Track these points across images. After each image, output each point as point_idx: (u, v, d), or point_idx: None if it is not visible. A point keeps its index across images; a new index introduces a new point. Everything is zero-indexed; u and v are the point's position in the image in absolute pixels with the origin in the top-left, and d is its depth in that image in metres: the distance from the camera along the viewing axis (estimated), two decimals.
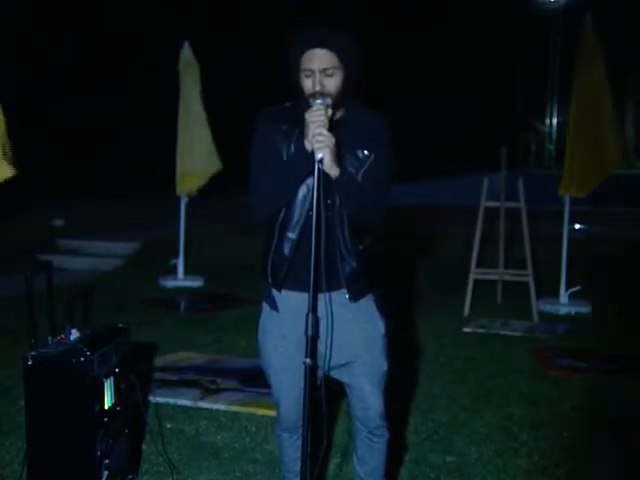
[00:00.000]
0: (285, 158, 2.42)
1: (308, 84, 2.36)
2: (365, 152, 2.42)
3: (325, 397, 2.32)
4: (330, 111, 2.31)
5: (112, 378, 2.91)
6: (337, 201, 2.40)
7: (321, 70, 2.34)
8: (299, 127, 2.37)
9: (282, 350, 2.54)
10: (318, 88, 2.33)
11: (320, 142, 2.24)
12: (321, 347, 2.45)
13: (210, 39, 16.04)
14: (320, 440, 2.33)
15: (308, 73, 2.36)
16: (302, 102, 2.40)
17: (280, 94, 2.55)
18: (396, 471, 3.32)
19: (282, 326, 2.53)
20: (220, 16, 21.67)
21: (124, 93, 20.78)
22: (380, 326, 2.56)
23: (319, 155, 2.25)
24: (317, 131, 2.25)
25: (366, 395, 2.54)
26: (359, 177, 2.41)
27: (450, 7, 22.65)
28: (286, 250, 2.45)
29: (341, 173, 2.31)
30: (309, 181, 2.36)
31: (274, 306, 2.55)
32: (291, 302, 2.50)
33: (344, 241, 2.43)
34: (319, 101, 2.29)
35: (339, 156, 2.33)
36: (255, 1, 21.36)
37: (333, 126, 2.30)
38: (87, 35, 20.52)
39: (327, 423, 2.32)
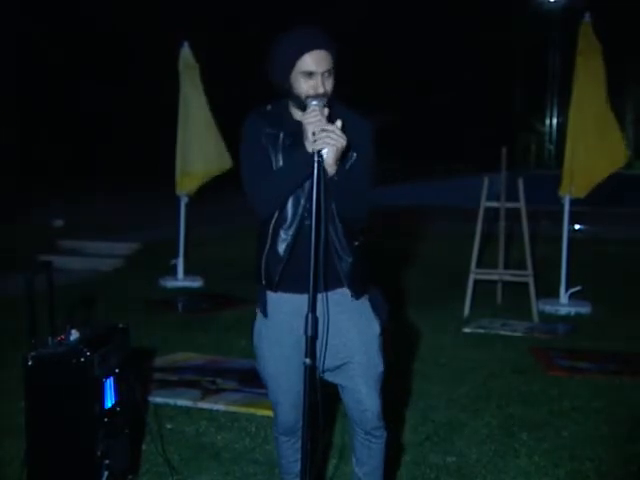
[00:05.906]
0: (274, 162, 2.40)
1: (307, 86, 2.34)
2: (349, 152, 2.40)
3: (322, 398, 2.31)
4: (327, 111, 2.30)
5: (112, 378, 2.90)
6: (329, 199, 2.37)
7: (324, 72, 2.33)
8: (283, 131, 2.39)
9: (279, 354, 2.51)
10: (322, 90, 2.32)
11: (333, 139, 2.21)
12: (318, 348, 2.40)
13: (210, 39, 16.04)
14: (318, 441, 2.32)
15: (309, 75, 2.33)
16: (284, 104, 2.41)
17: (279, 94, 2.53)
18: (396, 471, 3.31)
19: (278, 329, 2.51)
20: (220, 16, 21.66)
21: (124, 93, 20.79)
22: (375, 326, 2.53)
23: (323, 151, 2.22)
24: (331, 128, 2.22)
25: (362, 397, 2.50)
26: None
27: (451, 7, 22.66)
28: (281, 251, 2.43)
29: (337, 171, 2.29)
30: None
31: (268, 310, 2.52)
32: (287, 304, 2.48)
33: (338, 239, 2.42)
34: (315, 102, 2.28)
35: (342, 155, 2.31)
36: (255, 1, 21.36)
37: None
38: (87, 35, 20.51)
39: (325, 424, 2.32)
